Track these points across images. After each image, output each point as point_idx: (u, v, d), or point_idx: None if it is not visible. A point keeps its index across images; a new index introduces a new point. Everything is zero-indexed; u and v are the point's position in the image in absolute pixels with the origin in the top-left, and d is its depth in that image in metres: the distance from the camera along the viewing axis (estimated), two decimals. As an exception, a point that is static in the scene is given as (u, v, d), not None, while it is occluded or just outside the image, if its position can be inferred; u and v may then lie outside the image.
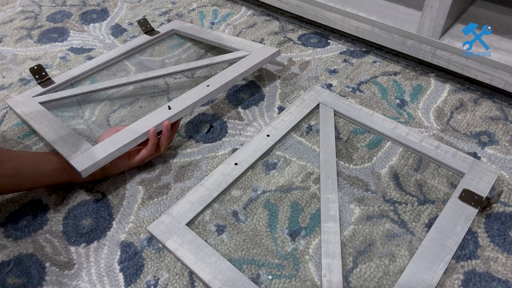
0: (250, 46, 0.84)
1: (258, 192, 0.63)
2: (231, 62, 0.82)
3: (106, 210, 0.62)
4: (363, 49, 0.93)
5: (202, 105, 0.79)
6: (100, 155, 0.59)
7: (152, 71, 0.84)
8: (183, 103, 0.68)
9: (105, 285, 0.53)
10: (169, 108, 0.67)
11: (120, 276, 0.54)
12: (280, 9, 1.03)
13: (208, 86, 0.72)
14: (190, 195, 0.61)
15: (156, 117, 0.66)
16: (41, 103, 0.76)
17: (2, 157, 0.56)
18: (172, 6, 1.11)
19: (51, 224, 0.60)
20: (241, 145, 0.71)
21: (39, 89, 0.80)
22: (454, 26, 0.80)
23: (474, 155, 0.67)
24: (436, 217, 0.58)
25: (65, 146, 0.62)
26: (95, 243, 0.58)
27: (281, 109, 0.78)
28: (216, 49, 0.94)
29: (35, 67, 0.82)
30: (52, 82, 0.82)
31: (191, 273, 0.54)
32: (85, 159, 0.59)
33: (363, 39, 0.91)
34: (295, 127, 0.73)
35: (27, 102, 0.77)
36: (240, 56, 0.82)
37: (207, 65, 0.84)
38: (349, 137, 0.71)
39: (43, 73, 0.82)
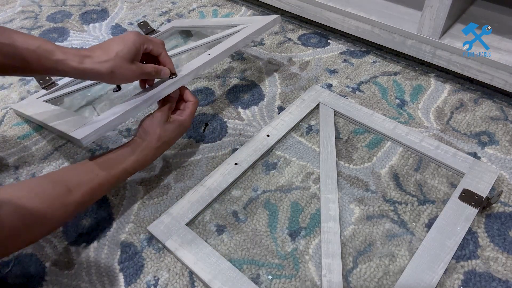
0: (250, 20, 0.84)
1: (258, 192, 0.63)
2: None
3: (106, 210, 0.62)
4: (363, 49, 0.93)
5: (202, 105, 0.79)
6: (99, 124, 0.55)
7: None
8: (184, 71, 0.65)
9: (105, 285, 0.53)
10: (170, 77, 0.64)
11: (120, 276, 0.54)
12: (280, 9, 1.03)
13: (209, 54, 0.70)
14: (190, 195, 0.62)
15: (161, 85, 0.63)
16: (45, 101, 0.76)
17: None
18: (172, 6, 1.11)
19: (51, 224, 0.60)
20: (241, 145, 0.71)
21: (43, 92, 0.80)
22: (454, 26, 0.80)
23: (474, 155, 0.67)
24: (436, 217, 0.58)
25: (67, 124, 0.60)
26: (95, 243, 0.58)
27: (281, 109, 0.78)
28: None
29: None
30: (56, 85, 0.82)
31: (191, 273, 0.54)
32: (85, 129, 0.56)
33: (363, 39, 0.91)
34: (295, 127, 0.73)
35: (32, 103, 0.77)
36: (240, 29, 0.81)
37: (207, 43, 0.83)
38: (349, 137, 0.71)
39: (47, 78, 0.82)
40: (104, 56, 0.52)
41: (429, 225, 0.58)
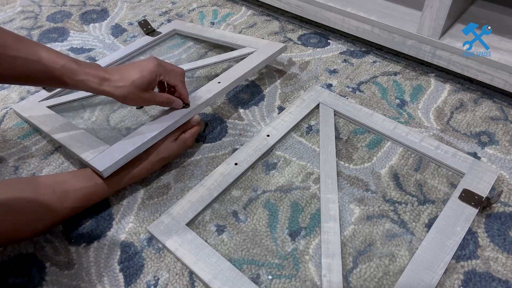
0: (256, 43, 0.84)
1: (258, 192, 0.63)
2: (239, 59, 0.81)
3: (106, 210, 0.62)
4: (363, 49, 0.93)
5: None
6: (119, 155, 0.58)
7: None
8: (197, 100, 0.67)
9: (105, 285, 0.53)
10: (184, 106, 0.66)
11: (120, 276, 0.54)
12: (280, 9, 1.03)
13: (219, 82, 0.72)
14: (190, 195, 0.62)
15: (174, 115, 0.65)
16: (49, 107, 0.75)
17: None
18: (172, 6, 1.11)
19: (51, 224, 0.60)
20: (241, 145, 0.71)
21: (44, 93, 0.79)
22: (454, 26, 0.80)
23: (474, 155, 0.67)
24: (436, 217, 0.58)
25: (81, 148, 0.62)
26: (95, 243, 0.58)
27: (281, 109, 0.78)
28: (217, 48, 0.94)
29: None
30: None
31: (191, 273, 0.54)
32: (105, 159, 0.58)
33: (363, 39, 0.91)
34: (295, 127, 0.73)
35: (34, 107, 0.76)
36: (247, 53, 0.81)
37: (214, 63, 0.84)
38: (349, 137, 0.71)
39: None
40: (120, 82, 0.56)
41: (429, 225, 0.58)
